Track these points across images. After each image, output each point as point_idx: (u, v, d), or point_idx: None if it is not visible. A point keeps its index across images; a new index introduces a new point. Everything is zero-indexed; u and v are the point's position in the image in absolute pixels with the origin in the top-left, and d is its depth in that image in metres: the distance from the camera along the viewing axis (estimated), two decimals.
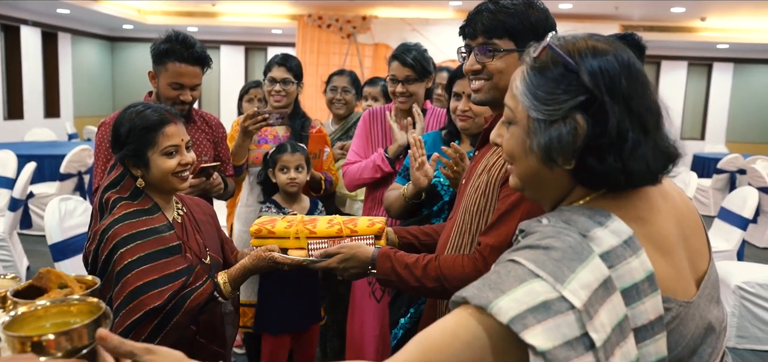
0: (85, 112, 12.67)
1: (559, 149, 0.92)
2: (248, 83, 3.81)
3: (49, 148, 7.44)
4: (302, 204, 2.57)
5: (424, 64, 2.57)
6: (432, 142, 2.39)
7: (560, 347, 0.80)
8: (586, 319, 0.81)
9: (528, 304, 0.82)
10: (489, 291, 0.85)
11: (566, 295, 0.82)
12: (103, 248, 1.56)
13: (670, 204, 1.00)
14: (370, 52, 10.44)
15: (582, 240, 0.87)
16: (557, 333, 0.80)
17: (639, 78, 0.93)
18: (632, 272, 0.86)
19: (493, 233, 1.41)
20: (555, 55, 0.95)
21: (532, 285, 0.83)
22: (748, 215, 4.67)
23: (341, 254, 1.60)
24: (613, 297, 0.84)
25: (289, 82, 2.77)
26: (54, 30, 11.34)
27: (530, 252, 0.88)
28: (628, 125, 0.90)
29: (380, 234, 1.73)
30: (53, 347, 0.89)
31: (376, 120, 2.74)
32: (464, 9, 9.88)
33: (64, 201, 3.15)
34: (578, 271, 0.84)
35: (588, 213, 0.92)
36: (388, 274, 1.52)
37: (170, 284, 1.58)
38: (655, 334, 0.87)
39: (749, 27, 10.53)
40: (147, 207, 1.68)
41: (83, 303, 1.02)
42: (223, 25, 11.71)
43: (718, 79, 12.55)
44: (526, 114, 0.97)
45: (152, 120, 1.67)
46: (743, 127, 12.58)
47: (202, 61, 2.31)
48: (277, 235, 1.73)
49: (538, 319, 0.81)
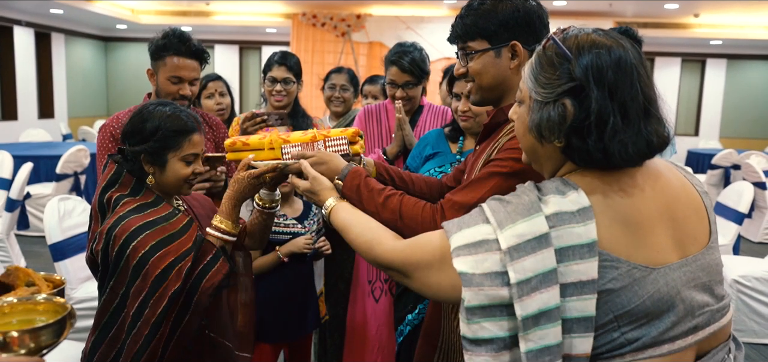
0: (80, 113, 12.61)
1: (548, 127, 1.07)
2: (206, 76, 3.42)
3: (44, 148, 7.42)
4: (294, 205, 2.51)
5: (423, 67, 2.58)
6: (434, 139, 2.40)
7: (480, 275, 1.00)
8: (508, 260, 0.98)
9: (469, 240, 1.04)
10: (455, 227, 1.08)
11: (498, 238, 1.01)
12: (113, 246, 1.54)
13: (659, 187, 1.09)
14: (365, 50, 10.44)
15: (536, 201, 1.03)
16: (479, 265, 1.00)
17: (627, 71, 1.03)
18: (573, 235, 0.99)
19: (460, 192, 1.44)
20: (557, 47, 1.07)
21: (481, 227, 1.04)
22: (743, 210, 4.70)
23: (315, 157, 1.59)
24: (545, 251, 0.98)
25: (290, 82, 2.75)
26: (47, 30, 11.28)
27: (495, 202, 1.07)
28: (609, 111, 1.01)
29: (355, 140, 1.72)
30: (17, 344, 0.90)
31: (372, 117, 2.73)
32: (459, 7, 9.86)
33: (63, 200, 3.14)
34: (518, 223, 1.00)
35: (558, 182, 1.06)
36: (352, 191, 1.50)
37: (187, 257, 1.56)
38: (583, 294, 0.98)
39: (742, 23, 10.58)
40: (150, 200, 1.66)
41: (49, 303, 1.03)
42: (217, 24, 11.67)
43: (712, 75, 12.61)
44: (529, 95, 1.11)
45: (184, 124, 1.67)
46: (737, 123, 12.65)
47: (199, 54, 2.34)
48: (252, 147, 1.73)
49: (471, 252, 1.02)
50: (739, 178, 7.21)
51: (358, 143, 1.74)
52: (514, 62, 1.47)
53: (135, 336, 1.52)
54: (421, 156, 2.39)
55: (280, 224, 2.39)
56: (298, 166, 1.59)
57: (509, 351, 1.00)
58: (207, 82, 3.38)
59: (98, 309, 1.62)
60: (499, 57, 1.48)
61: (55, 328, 0.93)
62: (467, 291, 0.99)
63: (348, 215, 1.42)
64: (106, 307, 1.60)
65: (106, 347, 1.60)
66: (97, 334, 1.61)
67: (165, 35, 2.30)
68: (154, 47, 2.31)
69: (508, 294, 0.98)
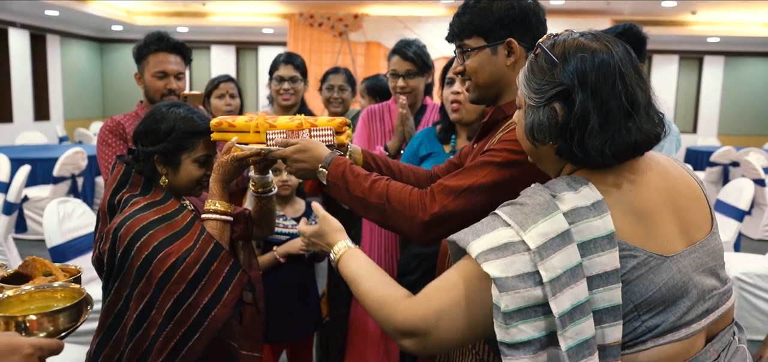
0: (76, 115, 12.57)
1: (540, 130, 1.10)
2: (218, 77, 3.31)
3: (40, 151, 7.39)
4: (295, 206, 2.50)
5: (425, 58, 2.58)
6: (426, 138, 2.39)
7: (513, 278, 0.99)
8: (538, 259, 0.99)
9: (493, 244, 1.03)
10: (469, 235, 1.07)
11: (525, 239, 1.01)
12: (119, 246, 1.54)
13: (661, 178, 1.13)
14: (363, 50, 10.44)
15: (551, 199, 1.05)
16: (512, 267, 1.00)
17: (609, 73, 1.06)
18: (592, 229, 1.02)
19: (452, 177, 1.44)
20: (545, 54, 1.12)
21: (502, 231, 1.04)
22: (744, 207, 4.70)
23: (298, 145, 1.59)
24: (569, 247, 1.00)
25: (297, 80, 2.76)
26: (42, 32, 11.25)
27: (509, 207, 1.08)
28: (590, 112, 1.05)
29: (341, 130, 1.71)
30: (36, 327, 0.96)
31: (375, 118, 2.73)
32: (456, 6, 9.87)
33: (63, 203, 3.12)
34: (540, 222, 1.02)
35: (567, 180, 1.09)
36: (337, 178, 1.51)
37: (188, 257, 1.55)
38: (610, 284, 1.01)
39: (739, 20, 10.62)
40: (158, 198, 1.66)
41: (66, 290, 1.08)
42: (214, 25, 11.65)
43: (710, 73, 12.64)
44: (524, 100, 1.15)
45: (199, 126, 1.68)
46: (735, 120, 12.68)
47: (179, 48, 2.38)
48: (237, 128, 1.72)
49: (498, 256, 1.01)
50: (738, 175, 7.22)
51: (345, 133, 1.72)
52: (511, 59, 1.48)
53: (140, 338, 1.52)
54: (416, 155, 2.37)
55: (280, 224, 2.38)
56: (281, 152, 1.61)
57: (545, 351, 1.01)
58: (219, 82, 3.27)
59: (102, 310, 1.61)
60: (495, 54, 1.49)
61: (72, 311, 0.99)
62: (504, 295, 0.99)
63: (360, 266, 1.28)
64: (110, 309, 1.59)
65: (111, 349, 1.59)
66: (102, 336, 1.60)
67: (145, 37, 2.38)
68: (136, 51, 2.38)
69: (542, 294, 0.99)
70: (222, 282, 1.57)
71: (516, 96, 1.47)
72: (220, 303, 1.56)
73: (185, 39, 2.49)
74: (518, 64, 1.47)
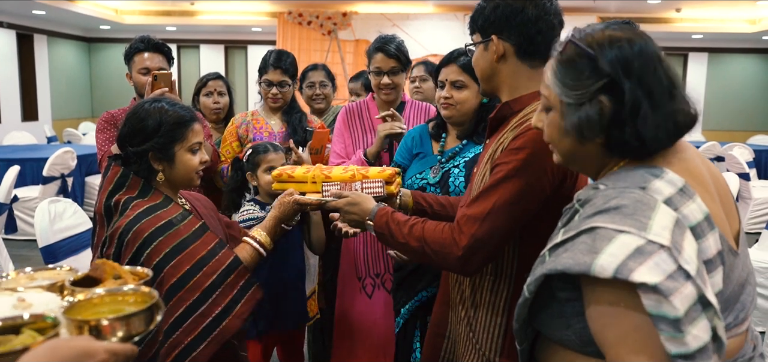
0: (64, 115, 12.48)
1: (589, 126, 1.07)
2: (207, 75, 3.26)
3: (29, 151, 7.34)
4: None
5: (406, 54, 2.59)
6: (419, 137, 2.40)
7: (666, 279, 0.89)
8: (677, 254, 0.92)
9: (624, 254, 0.92)
10: (585, 257, 0.96)
11: (653, 238, 0.92)
12: (126, 250, 1.54)
13: (701, 167, 1.14)
14: (351, 48, 10.45)
15: (643, 193, 0.99)
16: (658, 269, 0.90)
17: (650, 58, 1.05)
18: (692, 213, 0.99)
19: (473, 205, 1.49)
20: (578, 48, 1.09)
21: (620, 239, 0.94)
22: None
23: (349, 198, 1.74)
24: (687, 234, 0.96)
25: (285, 84, 2.77)
26: (29, 31, 11.15)
27: (604, 216, 0.99)
28: (641, 99, 1.03)
29: (391, 181, 1.87)
30: (109, 331, 0.93)
31: (354, 116, 2.72)
32: (444, 4, 9.93)
33: (54, 203, 3.13)
34: (653, 217, 0.95)
35: (643, 170, 1.05)
36: (382, 228, 1.62)
37: (205, 267, 1.58)
38: (715, 268, 0.99)
39: (723, 17, 10.72)
40: (159, 201, 1.66)
41: (137, 294, 1.05)
42: (202, 23, 11.59)
43: (694, 69, 12.75)
44: (559, 100, 1.11)
45: (184, 115, 1.70)
46: (719, 116, 12.80)
47: (160, 47, 2.67)
48: (296, 179, 1.94)
49: (639, 262, 0.91)
50: (723, 170, 7.31)
51: (395, 182, 1.89)
52: (495, 55, 1.56)
53: (149, 343, 1.51)
54: (410, 153, 2.39)
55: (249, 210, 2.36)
56: (335, 204, 1.77)
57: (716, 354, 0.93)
58: (207, 80, 3.22)
59: None
60: (486, 50, 1.58)
61: (145, 315, 0.97)
62: (668, 302, 0.89)
63: None
64: None
65: None
66: None
67: (132, 41, 2.69)
68: (125, 53, 2.70)
69: (694, 287, 0.91)
70: (235, 295, 1.60)
71: (515, 92, 1.54)
72: (232, 315, 1.59)
73: (174, 38, 2.63)
74: (506, 60, 1.54)
